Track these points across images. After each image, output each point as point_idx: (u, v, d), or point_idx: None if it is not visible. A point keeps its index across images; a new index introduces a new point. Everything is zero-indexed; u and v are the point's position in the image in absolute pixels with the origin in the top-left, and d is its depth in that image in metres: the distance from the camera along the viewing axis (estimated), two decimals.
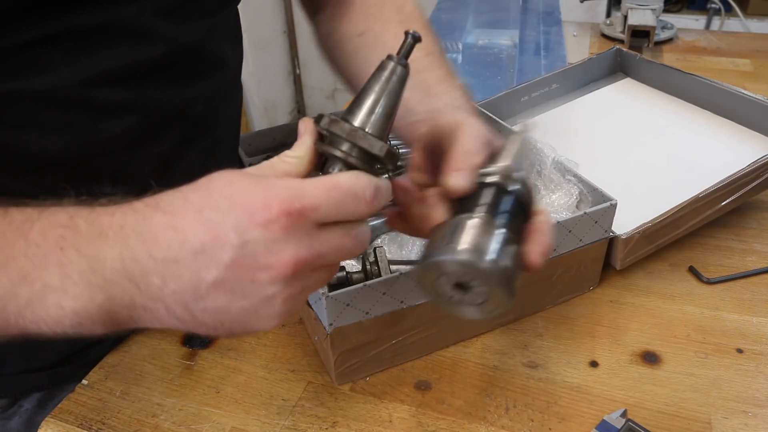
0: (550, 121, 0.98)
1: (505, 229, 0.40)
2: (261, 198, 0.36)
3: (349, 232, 0.39)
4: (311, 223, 0.37)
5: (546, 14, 1.54)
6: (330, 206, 0.37)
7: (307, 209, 0.36)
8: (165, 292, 0.36)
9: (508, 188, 0.43)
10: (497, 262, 0.38)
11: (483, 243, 0.39)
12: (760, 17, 2.01)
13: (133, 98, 0.55)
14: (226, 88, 0.68)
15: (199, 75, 0.61)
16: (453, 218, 0.41)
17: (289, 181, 0.37)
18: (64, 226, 0.38)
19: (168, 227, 0.36)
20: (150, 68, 0.55)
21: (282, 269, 0.36)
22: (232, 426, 0.58)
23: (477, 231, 0.39)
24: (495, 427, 0.57)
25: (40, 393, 0.68)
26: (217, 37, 0.63)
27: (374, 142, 0.40)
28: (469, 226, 0.39)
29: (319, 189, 0.37)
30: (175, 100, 0.59)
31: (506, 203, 0.42)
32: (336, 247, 0.39)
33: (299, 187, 0.36)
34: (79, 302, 0.37)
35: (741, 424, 0.56)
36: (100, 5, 0.50)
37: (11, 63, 0.48)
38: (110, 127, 0.55)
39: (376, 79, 0.41)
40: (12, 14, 0.46)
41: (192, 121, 0.62)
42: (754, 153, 0.76)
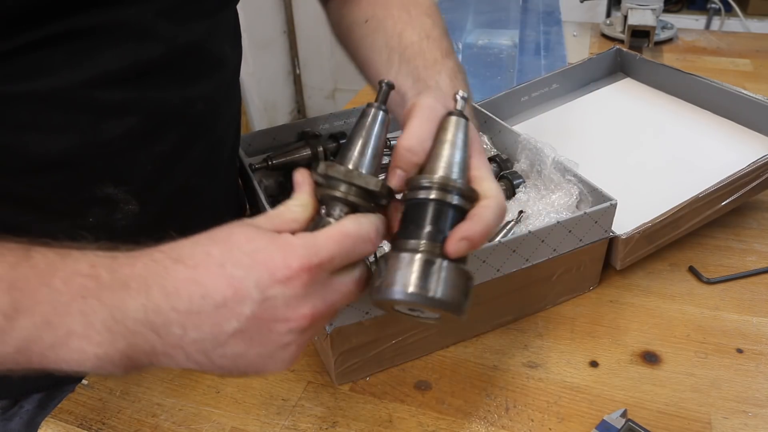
0: (550, 121, 0.98)
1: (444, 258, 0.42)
2: (281, 256, 0.38)
3: (354, 278, 0.42)
4: (327, 274, 0.40)
5: (546, 14, 1.54)
6: (342, 255, 0.40)
7: (324, 263, 0.39)
8: (185, 341, 0.38)
9: (447, 201, 0.43)
10: (438, 295, 0.41)
11: (426, 279, 0.41)
12: (760, 17, 2.01)
13: (135, 98, 0.55)
14: (226, 87, 0.68)
15: (199, 75, 0.61)
16: (399, 252, 0.42)
17: (304, 237, 0.40)
18: (86, 275, 0.39)
19: (191, 281, 0.38)
20: (151, 68, 0.55)
21: (300, 321, 0.39)
22: (232, 426, 0.58)
23: (420, 267, 0.41)
24: (495, 427, 0.57)
25: (41, 394, 0.68)
26: (217, 37, 0.63)
27: (369, 179, 0.43)
28: (415, 262, 0.41)
29: (331, 241, 0.40)
30: (176, 100, 0.59)
31: (446, 220, 0.43)
32: (345, 294, 0.42)
33: (314, 243, 0.39)
34: (102, 348, 0.38)
35: (741, 424, 0.56)
36: (101, 7, 0.50)
37: (13, 65, 0.48)
38: (112, 128, 0.55)
39: (361, 125, 0.46)
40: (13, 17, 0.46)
41: (192, 120, 0.62)
42: (754, 153, 0.76)
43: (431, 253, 0.41)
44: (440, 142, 0.46)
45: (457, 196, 0.43)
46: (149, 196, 0.60)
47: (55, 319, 0.38)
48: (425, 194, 0.43)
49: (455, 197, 0.43)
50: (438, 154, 0.45)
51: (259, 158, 0.78)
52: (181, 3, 0.56)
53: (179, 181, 0.63)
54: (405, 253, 0.42)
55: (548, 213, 0.68)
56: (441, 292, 0.41)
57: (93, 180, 0.56)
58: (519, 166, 0.77)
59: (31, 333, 0.39)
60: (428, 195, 0.43)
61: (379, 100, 0.47)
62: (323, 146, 0.81)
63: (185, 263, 0.39)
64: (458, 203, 0.43)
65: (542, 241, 0.62)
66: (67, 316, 0.38)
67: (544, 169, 0.73)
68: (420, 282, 0.40)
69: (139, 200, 0.59)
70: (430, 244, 0.42)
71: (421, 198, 0.43)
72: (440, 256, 0.42)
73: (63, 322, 0.38)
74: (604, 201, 0.65)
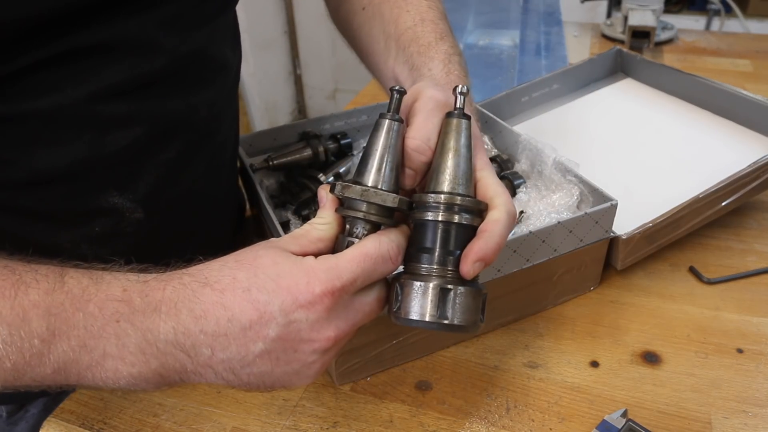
0: (551, 122, 0.98)
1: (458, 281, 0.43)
2: (304, 281, 0.39)
3: (375, 297, 0.43)
4: (349, 296, 0.41)
5: (547, 15, 1.54)
6: (364, 276, 0.41)
7: (346, 286, 0.40)
8: (214, 361, 0.40)
9: (455, 222, 0.43)
10: (455, 321, 0.42)
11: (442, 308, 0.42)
12: (760, 18, 2.01)
13: (139, 109, 0.56)
14: (228, 90, 0.68)
15: (202, 81, 0.61)
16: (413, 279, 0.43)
17: (326, 261, 0.41)
18: (119, 300, 0.41)
19: (218, 305, 0.40)
20: (154, 79, 0.56)
21: (324, 343, 0.41)
22: (233, 426, 0.58)
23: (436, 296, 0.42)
24: (496, 427, 0.57)
25: (46, 398, 0.68)
26: (218, 41, 0.63)
27: (386, 197, 0.43)
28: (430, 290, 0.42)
29: (353, 263, 0.41)
30: (180, 108, 0.59)
31: (456, 241, 0.43)
32: (367, 312, 0.43)
33: (336, 266, 0.40)
34: (135, 368, 0.41)
35: (741, 423, 0.56)
36: (103, 23, 0.50)
37: (17, 85, 0.49)
38: (117, 139, 0.55)
39: (376, 138, 0.45)
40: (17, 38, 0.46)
41: (196, 127, 0.62)
42: (754, 153, 0.77)
43: (444, 278, 0.42)
44: (444, 150, 0.45)
45: (465, 213, 0.43)
46: (154, 203, 0.60)
47: (90, 342, 0.40)
48: (433, 215, 0.43)
49: (464, 216, 0.43)
50: (442, 165, 0.44)
51: (259, 158, 0.78)
52: (182, 12, 0.56)
53: (184, 187, 0.63)
54: (419, 281, 0.42)
55: (549, 213, 0.68)
56: (458, 319, 0.42)
57: (99, 191, 0.56)
58: (520, 167, 0.77)
59: (68, 356, 0.41)
60: (436, 216, 0.43)
61: (392, 109, 0.45)
62: (324, 146, 0.81)
63: (212, 287, 0.40)
64: (467, 222, 0.43)
65: (543, 242, 0.62)
66: (102, 339, 0.40)
67: (544, 170, 0.73)
68: (437, 311, 0.42)
69: (145, 208, 0.59)
70: (442, 269, 0.43)
71: (429, 219, 0.43)
72: (453, 280, 0.43)
73: (98, 345, 0.40)
74: (604, 201, 0.65)
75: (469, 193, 0.44)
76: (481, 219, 0.44)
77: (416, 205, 0.44)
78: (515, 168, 0.77)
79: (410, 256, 0.44)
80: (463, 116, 0.45)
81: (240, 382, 0.42)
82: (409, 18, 0.64)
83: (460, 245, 0.43)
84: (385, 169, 0.44)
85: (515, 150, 0.78)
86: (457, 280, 0.43)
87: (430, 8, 0.65)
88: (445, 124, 0.46)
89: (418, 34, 0.62)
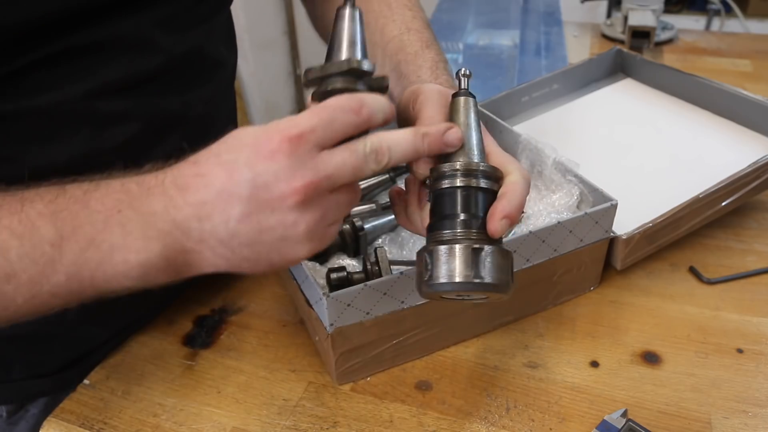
0: (551, 122, 0.98)
1: (484, 241, 0.43)
2: (264, 134, 0.41)
3: (349, 147, 0.42)
4: (311, 146, 0.41)
5: (546, 15, 1.54)
6: (324, 125, 0.41)
7: (305, 133, 0.40)
8: (204, 234, 0.41)
9: (475, 186, 0.44)
10: (486, 278, 0.43)
11: (475, 267, 0.42)
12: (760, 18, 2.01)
13: (136, 106, 0.56)
14: (224, 87, 0.68)
15: (198, 79, 0.62)
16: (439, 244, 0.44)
17: (287, 118, 0.42)
18: (119, 191, 0.43)
19: (196, 175, 0.42)
20: (151, 77, 0.56)
21: (295, 196, 0.40)
22: (233, 426, 0.58)
23: (466, 256, 0.43)
24: (496, 427, 0.57)
25: (46, 398, 0.69)
26: (213, 40, 0.64)
27: (341, 63, 0.44)
28: (459, 251, 0.43)
29: (310, 113, 0.41)
30: (176, 105, 0.60)
31: (477, 204, 0.45)
32: (340, 164, 0.42)
33: (294, 118, 0.41)
34: (142, 255, 0.42)
35: (741, 423, 0.56)
36: (100, 23, 0.51)
37: (15, 84, 0.49)
38: (113, 136, 0.56)
39: (339, 27, 0.47)
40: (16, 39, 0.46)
41: (192, 123, 0.63)
42: (754, 153, 0.76)
43: (470, 239, 0.43)
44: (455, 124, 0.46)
45: (484, 178, 0.45)
46: None
47: (97, 237, 0.42)
48: (451, 182, 0.44)
49: (482, 180, 0.44)
50: None
51: None
52: (178, 12, 0.57)
53: None
54: (445, 245, 0.43)
55: (549, 213, 0.68)
56: (491, 277, 0.43)
57: None
58: None
59: (78, 257, 0.42)
60: (454, 182, 0.44)
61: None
62: None
63: (194, 161, 0.43)
64: (486, 186, 0.45)
65: (543, 242, 0.62)
66: (107, 231, 0.42)
67: (544, 170, 0.73)
68: (471, 271, 0.42)
69: None
70: (468, 232, 0.43)
71: (448, 187, 0.44)
72: (480, 241, 0.43)
73: (105, 239, 0.42)
74: (604, 201, 0.65)
75: (484, 161, 0.46)
76: (498, 185, 0.46)
77: (435, 176, 0.45)
78: None
79: (433, 227, 0.45)
80: (469, 94, 0.47)
81: (236, 257, 0.42)
82: (395, 27, 0.65)
83: (482, 208, 0.44)
84: (343, 50, 0.45)
85: (515, 150, 0.78)
86: (485, 240, 0.43)
87: (415, 18, 0.66)
88: (453, 103, 0.48)
89: (404, 43, 0.63)
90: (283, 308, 0.72)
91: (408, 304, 0.58)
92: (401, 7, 0.67)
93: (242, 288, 0.75)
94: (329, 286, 0.61)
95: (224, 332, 0.69)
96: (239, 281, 0.76)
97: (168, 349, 0.67)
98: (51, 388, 0.67)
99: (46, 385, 0.67)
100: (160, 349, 0.67)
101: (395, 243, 0.70)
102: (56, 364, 0.67)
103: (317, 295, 0.55)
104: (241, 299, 0.73)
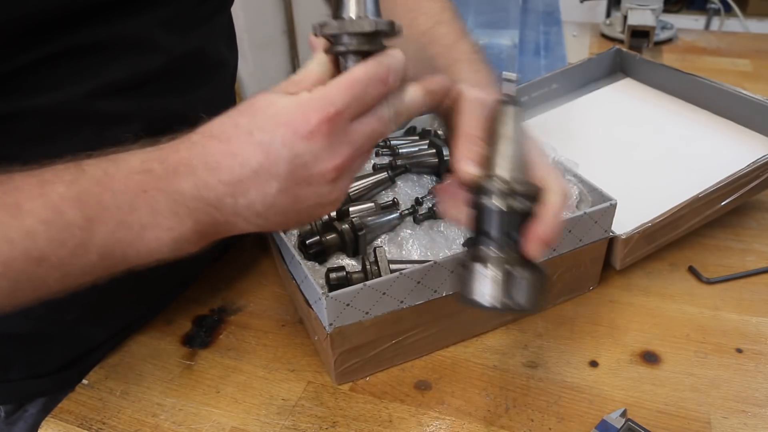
0: (550, 121, 0.98)
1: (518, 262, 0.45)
2: (300, 114, 0.41)
3: (377, 115, 0.43)
4: (346, 123, 0.42)
5: (546, 14, 1.54)
6: (357, 100, 0.42)
7: (341, 111, 0.41)
8: (239, 208, 0.42)
9: (514, 208, 0.45)
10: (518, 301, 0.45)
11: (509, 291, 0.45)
12: (760, 17, 2.01)
13: (137, 106, 0.56)
14: (225, 88, 0.68)
15: (199, 79, 0.62)
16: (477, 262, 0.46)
17: (318, 91, 0.41)
18: (140, 171, 0.43)
19: (227, 154, 0.41)
20: (152, 78, 0.56)
21: (333, 173, 0.42)
22: (232, 426, 0.58)
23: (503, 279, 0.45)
24: (495, 426, 0.57)
25: (45, 398, 0.68)
26: (214, 41, 0.64)
27: (364, 23, 0.43)
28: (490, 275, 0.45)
29: (343, 89, 0.41)
30: (177, 106, 0.60)
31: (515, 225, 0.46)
32: (370, 134, 0.43)
33: (327, 95, 0.41)
34: (175, 232, 0.43)
35: (740, 423, 0.56)
36: (102, 23, 0.51)
37: (17, 82, 0.49)
38: (115, 135, 0.55)
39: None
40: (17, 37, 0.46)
41: (193, 125, 0.62)
42: (754, 153, 0.76)
43: (507, 262, 0.45)
44: (498, 136, 0.47)
45: (522, 198, 0.45)
46: None
47: (127, 219, 0.42)
48: (492, 200, 0.45)
49: (520, 202, 0.45)
50: (497, 151, 0.47)
51: None
52: (179, 13, 0.57)
53: None
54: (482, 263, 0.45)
55: None
56: (522, 300, 0.45)
57: None
58: None
59: (108, 238, 0.42)
60: (495, 201, 0.45)
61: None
62: None
63: (219, 138, 0.42)
64: (523, 208, 0.46)
65: None
66: (136, 212, 0.42)
67: None
68: (502, 294, 0.45)
69: None
70: (505, 252, 0.45)
71: (485, 204, 0.45)
72: (516, 263, 0.45)
73: (134, 220, 0.42)
74: (603, 201, 0.65)
75: (524, 177, 0.46)
76: (538, 202, 0.46)
77: (476, 190, 0.46)
78: None
79: (473, 241, 0.47)
80: (513, 102, 0.48)
81: (269, 223, 0.44)
82: (425, 20, 0.64)
83: (518, 228, 0.46)
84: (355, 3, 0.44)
85: None
86: (520, 262, 0.45)
87: (444, 9, 0.65)
88: (498, 111, 0.48)
89: (436, 36, 0.62)
90: (283, 308, 0.72)
91: (407, 303, 0.58)
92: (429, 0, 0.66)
93: (241, 288, 0.75)
94: (328, 286, 0.61)
95: (223, 332, 0.69)
96: (239, 281, 0.76)
97: (167, 349, 0.67)
98: (49, 388, 0.67)
99: (44, 385, 0.67)
100: (159, 349, 0.67)
101: (394, 243, 0.70)
102: (55, 364, 0.67)
103: (316, 294, 0.55)
104: (240, 299, 0.73)
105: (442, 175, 0.79)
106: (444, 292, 0.59)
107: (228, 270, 0.78)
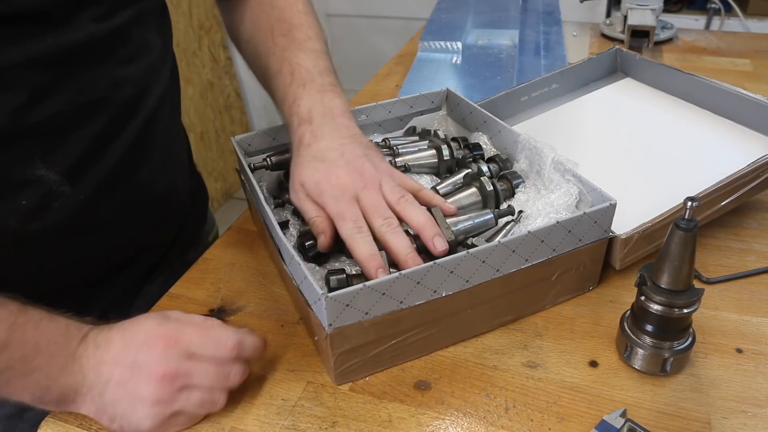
0: (550, 121, 0.98)
1: None
2: (153, 332, 0.55)
3: (215, 360, 0.56)
4: (183, 350, 0.54)
5: (546, 14, 1.54)
6: (198, 343, 0.55)
7: (181, 341, 0.55)
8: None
9: (675, 314, 0.58)
10: None
11: None
12: (760, 17, 2.01)
13: (62, 80, 0.58)
14: (155, 70, 0.70)
15: (125, 58, 0.64)
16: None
17: (180, 322, 0.57)
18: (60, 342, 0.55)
19: (101, 363, 0.55)
20: (77, 51, 0.58)
21: (153, 377, 0.53)
22: (231, 426, 0.58)
23: None
24: (495, 427, 0.57)
25: None
26: (142, 24, 0.66)
27: None
28: None
29: (195, 331, 0.56)
30: (103, 82, 0.62)
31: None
32: (200, 371, 0.55)
33: (181, 328, 0.56)
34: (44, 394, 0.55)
35: (740, 424, 0.56)
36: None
37: None
38: (41, 109, 0.57)
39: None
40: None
41: (121, 102, 0.65)
42: (754, 153, 0.76)
43: None
44: (667, 253, 0.57)
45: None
46: (81, 177, 0.63)
47: (31, 362, 0.52)
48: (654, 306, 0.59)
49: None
50: (663, 267, 0.58)
51: (259, 158, 0.78)
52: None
53: (111, 162, 0.66)
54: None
55: (548, 213, 0.68)
56: None
57: (23, 162, 0.58)
58: (518, 166, 0.77)
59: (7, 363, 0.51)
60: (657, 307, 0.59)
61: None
62: None
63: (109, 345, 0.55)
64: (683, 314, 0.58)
65: (542, 241, 0.62)
66: (38, 356, 0.53)
67: (543, 169, 0.73)
68: None
69: (71, 181, 0.61)
70: None
71: (655, 310, 0.59)
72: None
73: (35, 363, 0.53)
74: (603, 201, 0.65)
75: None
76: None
77: (645, 298, 0.58)
78: (514, 167, 0.77)
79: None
80: (690, 229, 0.54)
81: (104, 412, 0.55)
82: (315, 69, 0.74)
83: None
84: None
85: (514, 150, 0.78)
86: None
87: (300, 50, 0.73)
88: (673, 233, 0.55)
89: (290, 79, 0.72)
90: (282, 308, 0.72)
91: (407, 304, 0.58)
92: (308, 27, 0.75)
93: (241, 288, 0.75)
94: (328, 287, 0.61)
95: None
96: (239, 281, 0.76)
97: None
98: None
99: None
100: None
101: None
102: None
103: (316, 295, 0.55)
104: (239, 299, 0.73)
105: (442, 175, 0.79)
106: (444, 293, 0.59)
107: (228, 270, 0.78)
